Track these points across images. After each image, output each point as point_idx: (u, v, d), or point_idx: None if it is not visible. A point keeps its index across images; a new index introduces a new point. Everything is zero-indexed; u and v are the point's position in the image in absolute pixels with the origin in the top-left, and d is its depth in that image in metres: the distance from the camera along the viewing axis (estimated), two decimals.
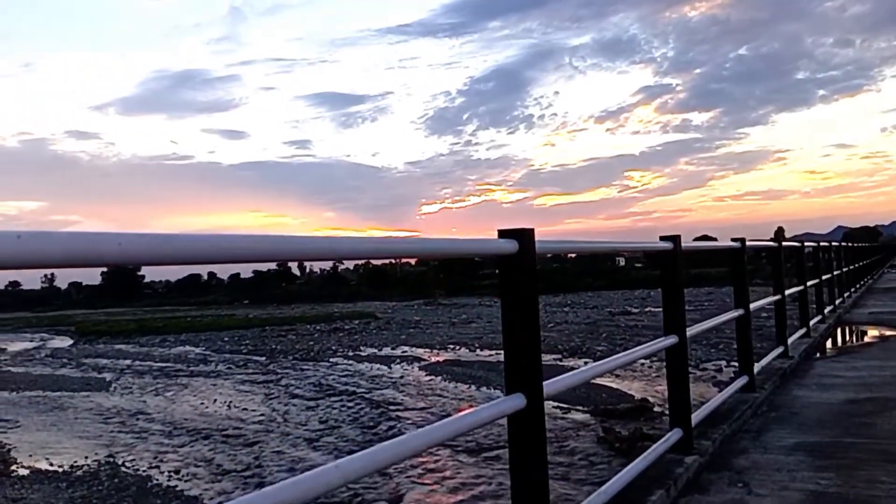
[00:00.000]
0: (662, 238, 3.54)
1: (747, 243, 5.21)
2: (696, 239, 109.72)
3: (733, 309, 5.11)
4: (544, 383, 2.06)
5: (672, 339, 3.50)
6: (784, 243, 6.93)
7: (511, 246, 2.01)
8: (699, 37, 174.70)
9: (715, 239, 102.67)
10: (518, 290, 2.03)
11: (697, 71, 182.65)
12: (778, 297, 6.42)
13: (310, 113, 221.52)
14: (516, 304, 2.02)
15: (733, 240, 5.22)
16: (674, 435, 3.43)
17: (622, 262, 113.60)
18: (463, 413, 1.80)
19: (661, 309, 3.95)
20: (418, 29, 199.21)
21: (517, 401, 1.97)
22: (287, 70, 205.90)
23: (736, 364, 5.85)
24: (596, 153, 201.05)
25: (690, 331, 3.72)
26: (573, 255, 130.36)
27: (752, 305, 5.27)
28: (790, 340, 6.86)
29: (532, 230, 2.05)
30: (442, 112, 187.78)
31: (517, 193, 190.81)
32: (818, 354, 8.16)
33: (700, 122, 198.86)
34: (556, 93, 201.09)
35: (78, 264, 0.91)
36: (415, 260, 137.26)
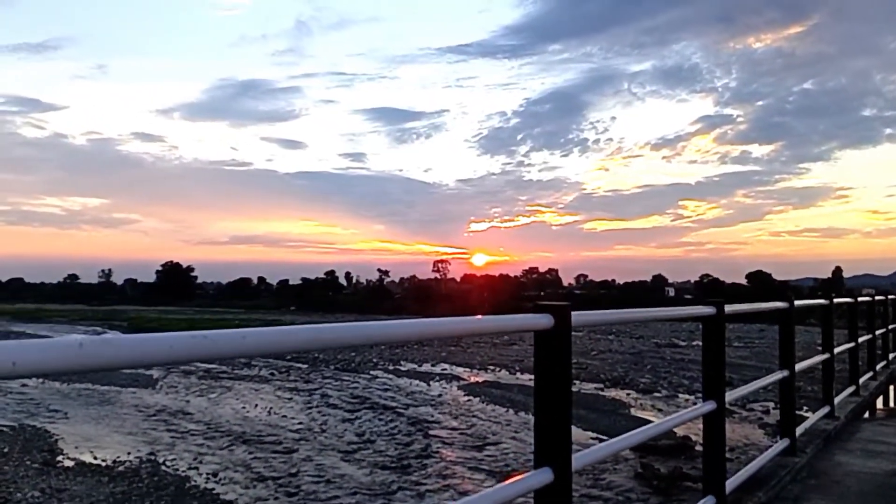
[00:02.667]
0: (705, 303, 3.50)
1: (796, 302, 5.08)
2: (750, 274, 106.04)
3: (778, 370, 4.97)
4: (573, 456, 2.07)
5: (710, 406, 3.39)
6: (835, 300, 6.72)
7: (546, 321, 2.04)
8: (763, 68, 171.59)
9: (769, 275, 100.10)
10: (552, 363, 2.06)
11: (760, 103, 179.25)
12: (826, 355, 6.22)
13: (366, 127, 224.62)
14: (549, 378, 2.04)
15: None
16: (707, 503, 3.36)
17: (672, 292, 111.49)
18: (488, 490, 1.83)
19: None
20: (478, 49, 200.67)
21: (545, 475, 1.97)
22: (347, 84, 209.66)
23: None
24: (650, 180, 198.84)
25: (730, 395, 3.64)
26: (621, 283, 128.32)
27: (799, 366, 5.12)
28: (837, 399, 6.63)
29: (568, 305, 2.08)
30: (496, 132, 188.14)
31: (567, 216, 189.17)
32: (867, 414, 7.85)
33: (760, 154, 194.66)
34: (613, 118, 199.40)
35: (134, 366, 0.99)
36: (460, 276, 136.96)
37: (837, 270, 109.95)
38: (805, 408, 15.75)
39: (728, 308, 3.65)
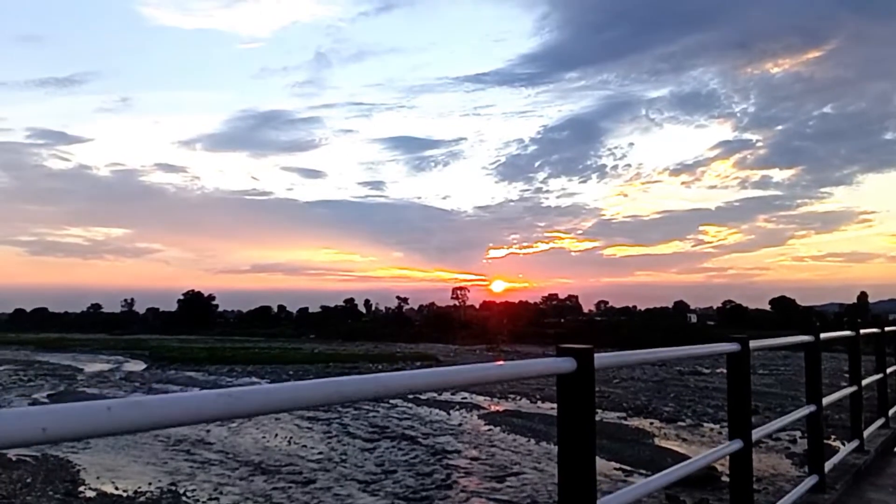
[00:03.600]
0: (728, 339, 3.46)
1: (822, 335, 4.99)
2: (774, 300, 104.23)
3: (805, 405, 4.88)
4: (598, 502, 2.04)
5: (737, 445, 3.31)
6: (861, 331, 6.61)
7: (569, 365, 2.02)
8: (782, 93, 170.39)
9: (793, 301, 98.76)
10: (575, 408, 2.04)
11: (779, 127, 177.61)
12: (854, 388, 6.10)
13: (385, 155, 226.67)
14: (573, 423, 2.02)
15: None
16: None
17: (694, 318, 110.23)
18: None
19: None
20: (495, 78, 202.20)
21: None
22: (366, 114, 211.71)
23: None
24: (670, 206, 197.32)
25: (757, 433, 3.57)
26: (642, 309, 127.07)
27: (826, 400, 5.02)
28: (866, 432, 6.48)
29: (591, 349, 2.06)
30: (514, 159, 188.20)
31: (586, 242, 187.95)
32: None
33: (781, 179, 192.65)
34: (631, 144, 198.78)
35: (163, 427, 1.01)
36: (479, 303, 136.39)
37: (863, 295, 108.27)
38: (833, 436, 15.49)
39: (753, 344, 3.60)
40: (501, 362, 1.91)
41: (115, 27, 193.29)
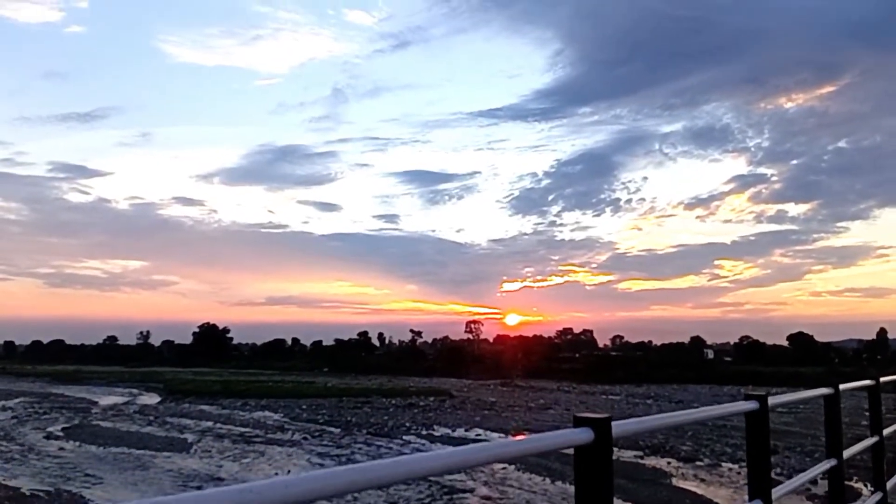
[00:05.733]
0: (748, 397, 3.43)
1: (840, 387, 4.91)
2: (792, 336, 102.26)
3: (826, 459, 4.78)
4: None
5: None
6: (882, 379, 6.51)
7: (587, 436, 2.01)
8: (796, 128, 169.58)
9: (811, 337, 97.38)
10: (594, 480, 2.02)
11: (794, 162, 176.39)
12: (876, 438, 5.99)
13: (400, 189, 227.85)
14: (591, 496, 2.00)
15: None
16: None
17: (711, 354, 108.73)
18: None
19: None
20: (508, 113, 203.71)
21: None
22: (381, 148, 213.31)
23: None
24: (685, 240, 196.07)
25: (777, 492, 3.50)
26: (658, 344, 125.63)
27: (847, 452, 4.92)
28: (889, 484, 6.32)
29: (609, 418, 2.05)
30: (527, 193, 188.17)
31: (601, 276, 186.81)
32: None
33: (796, 213, 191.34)
34: (645, 178, 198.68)
35: None
36: (493, 337, 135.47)
37: (882, 331, 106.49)
38: (854, 477, 15.17)
39: (772, 401, 3.56)
40: (520, 437, 1.90)
41: (137, 64, 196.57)
